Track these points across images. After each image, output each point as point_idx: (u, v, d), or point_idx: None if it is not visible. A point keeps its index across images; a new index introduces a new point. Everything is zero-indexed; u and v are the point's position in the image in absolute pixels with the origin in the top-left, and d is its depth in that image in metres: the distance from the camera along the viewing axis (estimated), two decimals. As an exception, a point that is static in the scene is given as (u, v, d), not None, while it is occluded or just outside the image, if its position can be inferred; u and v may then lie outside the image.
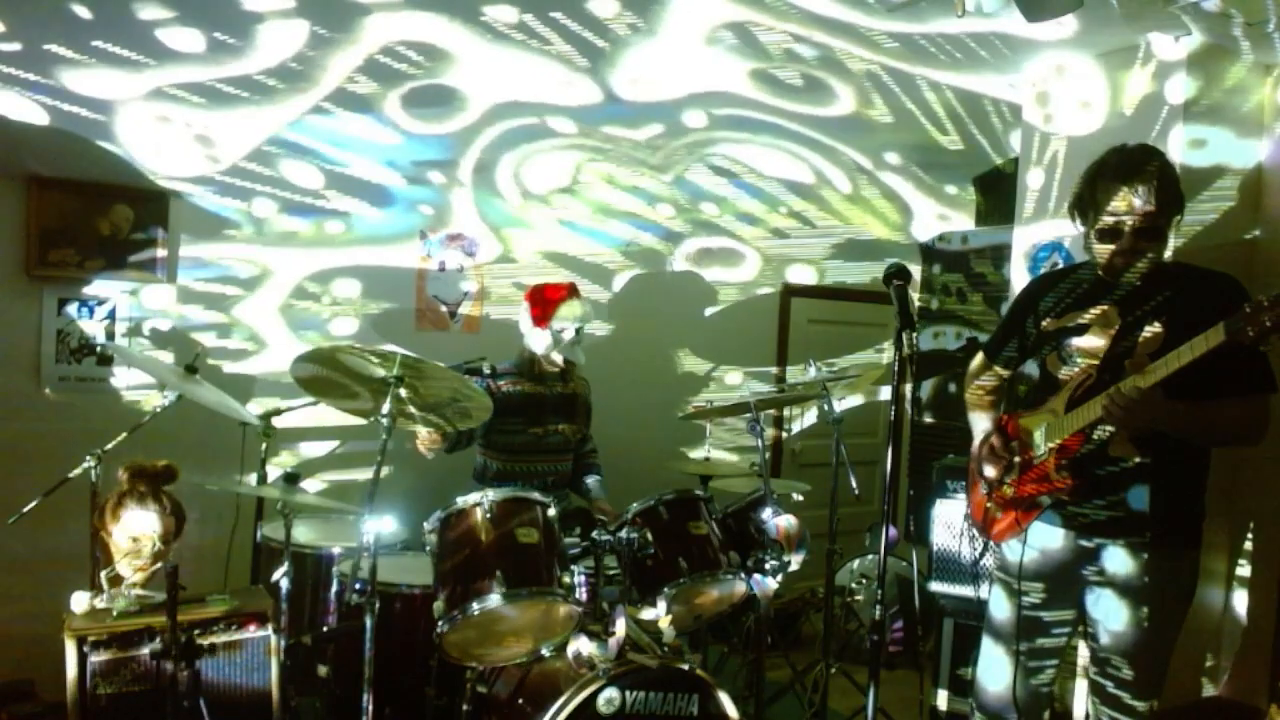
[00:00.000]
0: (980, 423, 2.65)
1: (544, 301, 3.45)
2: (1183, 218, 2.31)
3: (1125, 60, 3.49)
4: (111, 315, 3.55)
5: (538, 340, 3.46)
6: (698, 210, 4.72)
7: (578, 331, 3.48)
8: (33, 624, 2.73)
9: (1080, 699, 3.19)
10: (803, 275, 5.23)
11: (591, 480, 3.68)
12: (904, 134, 4.37)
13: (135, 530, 2.69)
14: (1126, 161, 2.24)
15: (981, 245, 4.71)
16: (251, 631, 2.58)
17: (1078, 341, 2.35)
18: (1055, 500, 2.35)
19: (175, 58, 3.04)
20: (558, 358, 3.48)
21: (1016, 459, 2.43)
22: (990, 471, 2.48)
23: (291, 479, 2.93)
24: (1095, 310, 2.33)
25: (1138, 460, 2.25)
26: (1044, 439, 2.34)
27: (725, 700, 2.52)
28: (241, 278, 3.79)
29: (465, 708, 2.65)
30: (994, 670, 2.51)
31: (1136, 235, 2.21)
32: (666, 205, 4.61)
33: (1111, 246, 2.25)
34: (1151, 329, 2.22)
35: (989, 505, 2.51)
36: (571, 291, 3.49)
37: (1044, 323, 2.44)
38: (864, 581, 4.32)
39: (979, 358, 2.70)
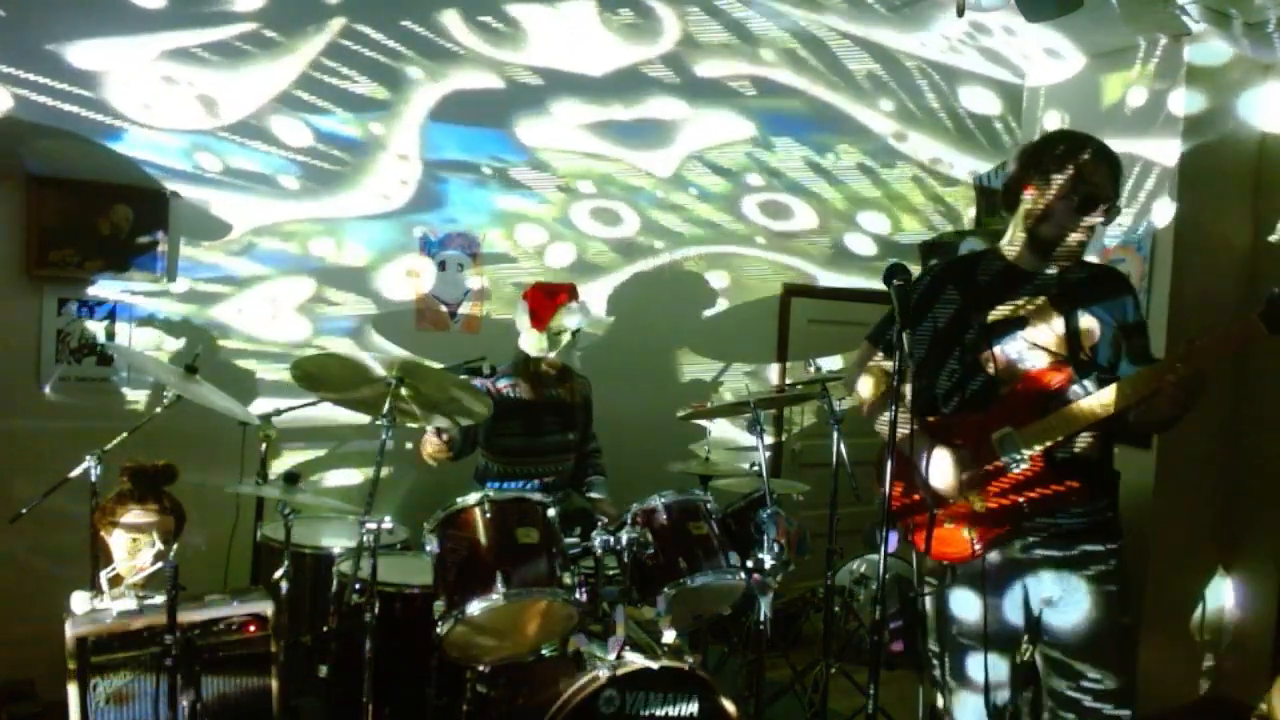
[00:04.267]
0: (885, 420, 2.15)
1: (541, 303, 3.42)
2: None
3: (1126, 59, 3.50)
4: (111, 315, 3.55)
5: (532, 342, 3.44)
6: (698, 209, 4.72)
7: (574, 335, 3.45)
8: (33, 624, 2.72)
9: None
10: (803, 275, 5.22)
11: (596, 482, 3.67)
12: (904, 132, 4.37)
13: (135, 530, 2.69)
14: (1104, 148, 2.28)
15: (981, 244, 4.71)
16: (251, 632, 2.58)
17: (1027, 335, 2.26)
18: (1027, 510, 2.21)
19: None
20: (554, 356, 3.46)
21: (976, 469, 2.24)
22: (954, 486, 2.27)
23: (291, 479, 2.93)
24: (1027, 302, 2.27)
25: (1097, 457, 2.25)
26: (1018, 443, 2.20)
27: (725, 700, 2.52)
28: (240, 276, 3.78)
29: (465, 708, 2.66)
30: (968, 704, 2.36)
31: (1107, 213, 2.23)
32: (667, 204, 4.61)
33: (1082, 219, 2.22)
34: (1086, 320, 2.25)
35: (944, 524, 2.28)
36: (570, 295, 3.45)
37: (969, 315, 2.32)
38: (863, 582, 4.31)
39: (867, 348, 2.56)
